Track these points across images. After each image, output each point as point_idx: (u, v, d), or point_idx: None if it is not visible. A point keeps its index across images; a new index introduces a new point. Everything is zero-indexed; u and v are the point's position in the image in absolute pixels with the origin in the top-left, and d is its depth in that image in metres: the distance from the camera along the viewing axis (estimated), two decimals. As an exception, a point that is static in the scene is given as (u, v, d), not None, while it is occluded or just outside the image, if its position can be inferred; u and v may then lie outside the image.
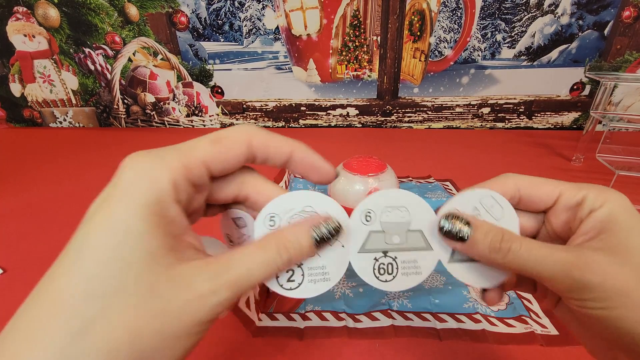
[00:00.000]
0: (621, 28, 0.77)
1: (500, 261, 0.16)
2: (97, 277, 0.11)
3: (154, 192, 0.12)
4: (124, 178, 0.12)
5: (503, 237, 0.16)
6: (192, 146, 0.14)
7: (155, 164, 0.13)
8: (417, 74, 0.86)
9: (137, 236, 0.11)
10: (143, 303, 0.11)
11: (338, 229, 0.16)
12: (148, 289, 0.11)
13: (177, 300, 0.12)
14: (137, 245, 0.11)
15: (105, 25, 0.84)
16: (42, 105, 0.94)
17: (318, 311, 0.35)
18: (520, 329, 0.33)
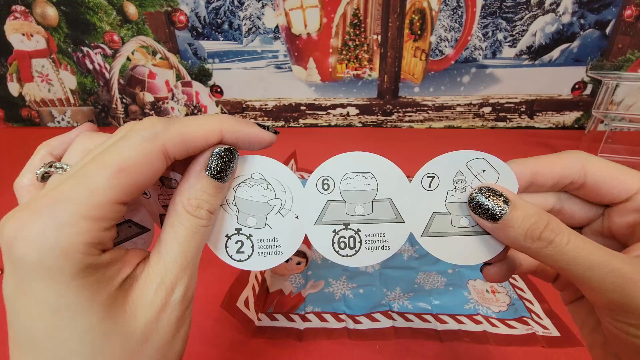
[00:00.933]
0: (623, 27, 0.77)
1: (534, 252, 0.14)
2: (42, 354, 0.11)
3: (70, 265, 0.11)
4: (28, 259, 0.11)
5: (548, 224, 0.13)
6: (88, 188, 0.11)
7: (55, 233, 0.11)
8: (418, 73, 0.85)
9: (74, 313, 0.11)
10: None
11: (228, 152, 0.14)
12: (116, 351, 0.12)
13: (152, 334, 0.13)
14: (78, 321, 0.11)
15: (103, 24, 0.84)
16: (40, 104, 0.94)
17: (318, 312, 0.35)
18: (521, 330, 0.33)
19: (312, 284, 0.39)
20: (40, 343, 0.11)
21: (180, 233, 0.14)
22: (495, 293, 0.37)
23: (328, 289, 0.38)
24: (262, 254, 0.16)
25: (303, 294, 0.37)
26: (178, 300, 0.13)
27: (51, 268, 0.11)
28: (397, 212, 0.16)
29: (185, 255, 0.14)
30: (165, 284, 0.13)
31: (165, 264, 0.13)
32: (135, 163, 0.12)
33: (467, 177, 0.15)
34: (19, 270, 0.11)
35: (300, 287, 0.38)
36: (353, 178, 0.16)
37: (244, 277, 0.35)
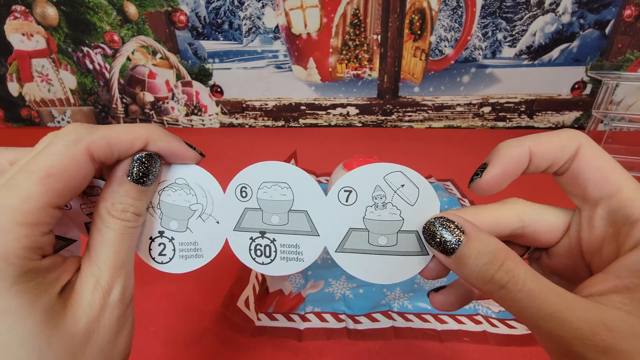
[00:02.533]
0: (622, 27, 0.77)
1: (488, 293, 0.12)
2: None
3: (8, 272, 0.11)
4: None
5: (502, 265, 0.12)
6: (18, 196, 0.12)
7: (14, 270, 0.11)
8: (418, 72, 0.85)
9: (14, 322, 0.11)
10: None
11: (149, 157, 0.15)
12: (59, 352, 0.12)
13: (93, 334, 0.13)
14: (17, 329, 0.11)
15: (103, 24, 0.84)
16: (40, 104, 0.94)
17: (318, 312, 0.35)
18: (521, 330, 0.33)
19: (312, 284, 0.39)
20: None
21: (108, 236, 0.14)
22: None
23: (328, 289, 0.38)
24: (183, 257, 0.16)
25: (303, 294, 0.37)
26: (117, 300, 0.14)
27: None
28: (313, 224, 0.16)
29: (117, 257, 0.14)
30: (101, 285, 0.13)
31: (98, 266, 0.14)
32: (62, 167, 0.12)
33: (387, 192, 0.15)
34: None
35: (300, 287, 0.38)
36: (270, 187, 0.16)
37: (245, 277, 0.35)
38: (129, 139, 0.14)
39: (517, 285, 0.12)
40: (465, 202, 0.55)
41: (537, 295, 0.11)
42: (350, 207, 0.15)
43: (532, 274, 0.12)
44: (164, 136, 0.15)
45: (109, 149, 0.14)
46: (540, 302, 0.11)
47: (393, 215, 0.15)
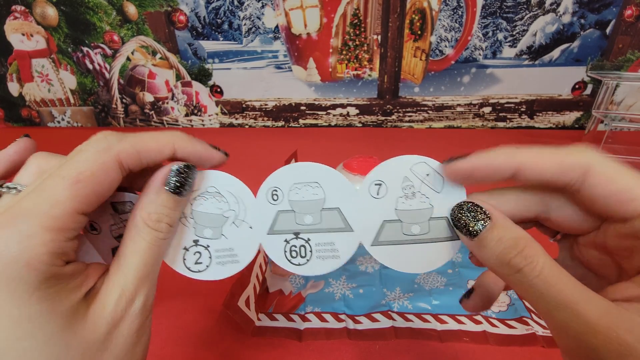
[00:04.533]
0: (623, 27, 0.77)
1: (504, 277, 0.13)
2: None
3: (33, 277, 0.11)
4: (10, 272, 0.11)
5: (522, 251, 0.12)
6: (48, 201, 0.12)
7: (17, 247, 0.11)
8: (418, 73, 0.85)
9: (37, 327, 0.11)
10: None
11: (186, 168, 0.15)
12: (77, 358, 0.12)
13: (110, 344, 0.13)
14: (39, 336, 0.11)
15: (103, 24, 0.84)
16: (40, 104, 0.94)
17: (318, 312, 0.35)
18: (521, 330, 0.33)
19: (312, 284, 0.39)
20: (1, 354, 0.11)
21: (140, 246, 0.14)
22: (495, 293, 0.37)
23: (328, 289, 0.38)
24: (220, 263, 0.17)
25: (303, 294, 0.37)
26: (138, 311, 0.14)
27: (14, 279, 0.11)
28: (346, 220, 0.16)
29: (145, 267, 0.14)
30: (126, 295, 0.13)
31: (125, 275, 0.14)
32: (91, 173, 0.13)
33: (415, 182, 0.15)
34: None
35: (300, 287, 0.38)
36: (301, 188, 0.16)
37: (246, 277, 0.35)
38: (156, 147, 0.15)
39: (534, 271, 0.12)
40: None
41: (553, 283, 0.11)
42: (381, 200, 0.16)
43: (552, 264, 0.12)
44: (189, 142, 0.15)
45: (137, 156, 0.14)
46: (555, 291, 0.11)
47: (423, 203, 0.15)
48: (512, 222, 0.13)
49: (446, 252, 0.16)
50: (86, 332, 0.12)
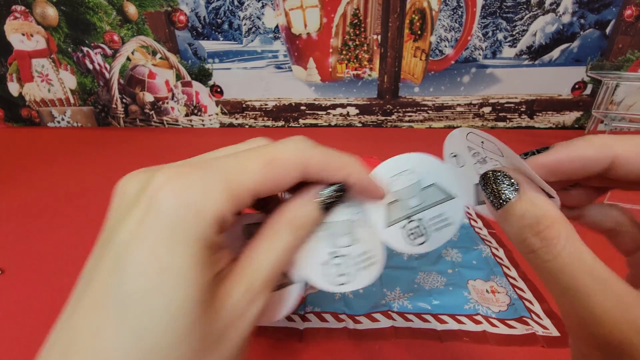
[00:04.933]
0: (623, 27, 0.77)
1: (522, 254, 0.12)
2: (143, 332, 0.10)
3: (200, 228, 0.11)
4: (165, 206, 0.10)
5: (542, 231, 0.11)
6: (240, 168, 0.12)
7: (199, 192, 0.11)
8: (418, 73, 0.85)
9: (182, 280, 0.10)
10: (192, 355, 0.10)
11: (341, 189, 0.15)
12: (197, 341, 0.10)
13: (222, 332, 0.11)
14: (183, 290, 0.10)
15: (103, 24, 0.84)
16: (40, 104, 0.94)
17: (318, 312, 0.35)
18: (521, 330, 0.33)
19: (312, 284, 0.39)
20: (132, 303, 0.10)
21: (277, 247, 0.13)
22: (495, 293, 0.37)
23: (328, 289, 0.38)
24: (362, 268, 0.17)
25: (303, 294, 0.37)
26: (255, 314, 0.12)
27: (180, 223, 0.10)
28: (445, 191, 0.17)
29: (274, 270, 0.13)
30: (251, 292, 0.12)
31: (255, 271, 0.13)
32: (283, 161, 0.13)
33: (478, 150, 0.16)
34: (148, 216, 0.10)
35: (300, 287, 0.38)
36: (397, 179, 0.17)
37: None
38: (333, 172, 0.14)
39: (548, 255, 0.11)
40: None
41: (567, 270, 0.11)
42: (463, 169, 0.17)
43: (574, 249, 0.11)
44: (364, 174, 0.16)
45: (318, 168, 0.14)
46: (568, 277, 0.11)
47: (496, 164, 0.16)
48: (543, 198, 0.12)
49: None
50: (210, 317, 0.11)
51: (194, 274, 0.10)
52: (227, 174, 0.12)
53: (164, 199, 0.11)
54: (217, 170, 0.12)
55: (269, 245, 0.13)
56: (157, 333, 0.10)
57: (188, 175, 0.11)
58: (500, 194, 0.13)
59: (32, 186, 0.62)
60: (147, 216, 0.10)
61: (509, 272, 0.40)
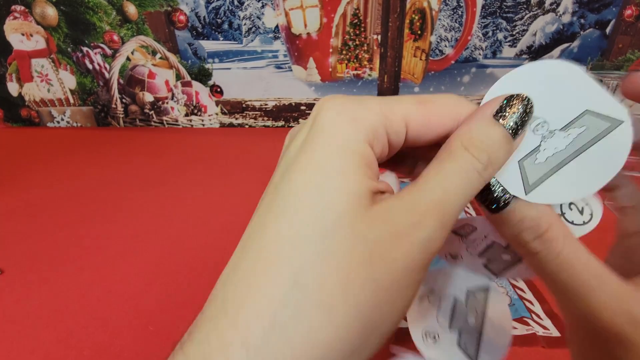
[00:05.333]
0: (623, 27, 0.77)
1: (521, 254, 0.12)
2: (302, 223, 0.10)
3: (355, 134, 0.11)
4: (326, 119, 0.11)
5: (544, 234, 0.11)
6: (394, 99, 0.12)
7: (356, 107, 0.11)
8: (418, 72, 0.85)
9: (339, 177, 0.10)
10: (351, 249, 0.10)
11: (528, 105, 0.12)
12: (353, 234, 0.10)
13: (382, 243, 0.10)
14: (339, 186, 0.10)
15: (103, 24, 0.84)
16: (39, 104, 0.94)
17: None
18: (521, 330, 0.32)
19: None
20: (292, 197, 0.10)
21: (446, 168, 0.11)
22: (496, 293, 0.37)
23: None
24: None
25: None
26: (419, 243, 0.10)
27: (336, 128, 0.11)
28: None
29: (443, 195, 0.11)
30: (414, 214, 0.10)
31: (416, 195, 0.11)
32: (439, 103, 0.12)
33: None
34: (311, 131, 0.11)
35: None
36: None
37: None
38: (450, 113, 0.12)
39: (549, 255, 0.11)
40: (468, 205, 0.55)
41: (567, 267, 0.11)
42: None
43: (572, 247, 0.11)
44: None
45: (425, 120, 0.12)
46: (567, 274, 0.11)
47: None
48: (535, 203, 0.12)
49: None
50: (368, 221, 0.10)
51: (350, 170, 0.10)
52: (382, 100, 0.12)
53: (325, 114, 0.11)
54: (374, 98, 0.12)
55: (435, 169, 0.11)
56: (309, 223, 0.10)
57: (347, 97, 0.12)
58: (498, 198, 0.12)
59: (32, 186, 0.62)
60: (311, 131, 0.11)
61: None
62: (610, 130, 0.12)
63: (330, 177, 0.10)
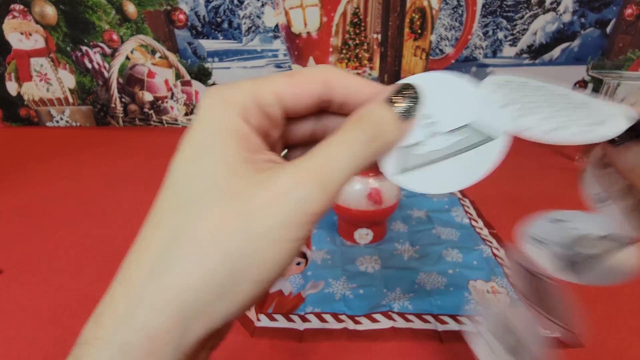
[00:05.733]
0: (623, 26, 0.76)
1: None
2: (182, 190, 0.11)
3: (226, 112, 0.12)
4: (202, 105, 0.12)
5: None
6: (267, 78, 0.13)
7: (227, 89, 0.13)
8: (418, 72, 0.85)
9: (214, 150, 0.11)
10: (224, 206, 0.11)
11: (416, 96, 0.14)
12: (228, 194, 0.11)
13: (257, 199, 0.11)
14: (214, 156, 0.11)
15: (102, 23, 0.83)
16: (38, 104, 0.93)
17: (318, 313, 0.35)
18: (522, 331, 0.32)
19: (312, 284, 0.38)
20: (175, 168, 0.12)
21: (335, 138, 0.12)
22: (496, 293, 0.37)
23: (328, 290, 0.38)
24: None
25: (303, 295, 0.37)
26: (297, 202, 0.11)
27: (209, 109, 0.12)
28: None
29: (330, 165, 0.11)
30: (296, 177, 0.11)
31: (304, 160, 0.11)
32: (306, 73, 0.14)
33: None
34: (193, 119, 0.12)
35: (300, 287, 0.38)
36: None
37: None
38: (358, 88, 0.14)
39: None
40: (465, 201, 0.55)
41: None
42: None
43: None
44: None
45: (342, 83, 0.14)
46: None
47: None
48: None
49: None
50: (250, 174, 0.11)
51: (223, 144, 0.12)
52: (252, 80, 0.13)
53: (201, 103, 0.12)
54: (247, 79, 0.13)
55: (331, 139, 0.12)
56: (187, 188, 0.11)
57: (223, 85, 0.13)
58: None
59: (31, 186, 0.62)
60: (193, 119, 0.13)
61: (509, 272, 0.40)
62: (483, 144, 0.14)
63: (207, 152, 0.11)
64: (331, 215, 0.49)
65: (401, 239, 0.46)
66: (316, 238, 0.46)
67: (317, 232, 0.47)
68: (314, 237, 0.46)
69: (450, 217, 0.51)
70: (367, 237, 0.44)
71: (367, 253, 0.43)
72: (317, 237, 0.46)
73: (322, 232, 0.47)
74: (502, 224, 0.48)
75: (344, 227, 0.46)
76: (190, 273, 0.10)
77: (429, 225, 0.49)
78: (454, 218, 0.51)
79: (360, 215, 0.41)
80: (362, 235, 0.44)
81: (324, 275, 0.39)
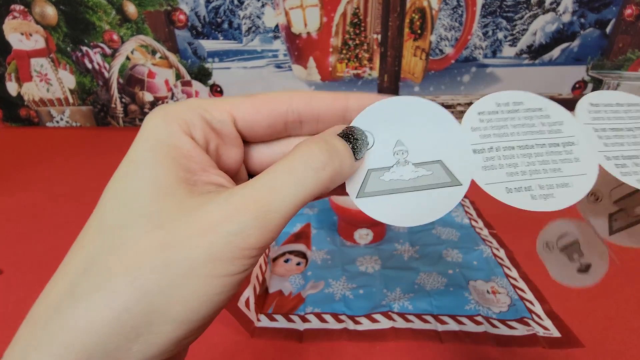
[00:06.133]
0: (623, 26, 0.76)
1: None
2: (105, 214, 0.10)
3: (166, 127, 0.11)
4: (145, 122, 0.12)
5: None
6: (220, 97, 0.13)
7: (172, 106, 0.12)
8: (418, 72, 0.85)
9: (144, 166, 0.11)
10: (145, 235, 0.09)
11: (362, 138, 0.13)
12: (153, 221, 0.10)
13: (184, 229, 0.09)
14: (144, 175, 0.10)
15: (103, 23, 0.83)
16: (38, 104, 0.93)
17: (318, 313, 0.35)
18: (522, 331, 0.32)
19: (312, 284, 0.38)
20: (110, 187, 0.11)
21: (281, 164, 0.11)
22: (496, 294, 0.37)
23: (328, 290, 0.38)
24: None
25: (303, 295, 0.37)
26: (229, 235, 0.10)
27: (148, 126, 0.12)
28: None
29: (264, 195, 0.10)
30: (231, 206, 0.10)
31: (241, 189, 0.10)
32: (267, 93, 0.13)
33: None
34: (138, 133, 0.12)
35: (300, 287, 0.38)
36: None
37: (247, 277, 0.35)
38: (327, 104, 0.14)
39: None
40: (465, 201, 0.55)
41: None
42: None
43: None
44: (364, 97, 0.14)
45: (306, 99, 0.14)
46: None
47: None
48: None
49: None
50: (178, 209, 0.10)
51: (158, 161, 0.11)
52: (206, 99, 0.13)
53: (146, 119, 0.12)
54: (197, 99, 0.13)
55: (275, 168, 0.11)
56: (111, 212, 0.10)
57: (171, 103, 0.12)
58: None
59: (31, 186, 0.62)
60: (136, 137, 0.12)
61: (509, 272, 0.40)
62: (447, 186, 0.13)
63: (137, 169, 0.11)
64: (331, 216, 0.49)
65: (401, 239, 0.46)
66: (316, 238, 0.46)
67: (317, 232, 0.47)
68: (314, 238, 0.46)
69: (450, 217, 0.51)
70: (367, 238, 0.45)
71: (367, 253, 0.43)
72: (317, 237, 0.46)
73: (322, 233, 0.47)
74: (502, 224, 0.48)
75: (344, 228, 0.46)
76: (97, 312, 0.09)
77: (429, 226, 0.49)
78: (454, 218, 0.51)
79: (360, 216, 0.41)
80: (362, 236, 0.44)
81: (324, 276, 0.39)
